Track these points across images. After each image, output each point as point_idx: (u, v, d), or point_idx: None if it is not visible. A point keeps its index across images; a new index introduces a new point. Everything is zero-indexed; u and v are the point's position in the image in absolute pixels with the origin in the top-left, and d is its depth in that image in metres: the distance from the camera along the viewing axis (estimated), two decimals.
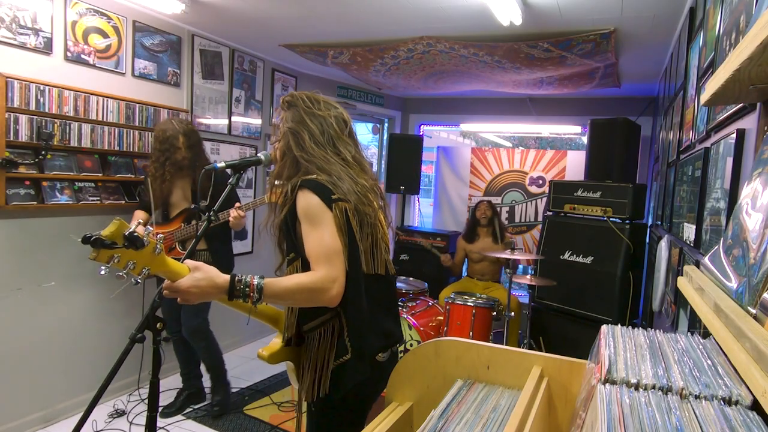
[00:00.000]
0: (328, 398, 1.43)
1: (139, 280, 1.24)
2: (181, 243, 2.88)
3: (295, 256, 1.43)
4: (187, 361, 3.17)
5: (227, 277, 1.29)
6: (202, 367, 3.20)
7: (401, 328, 1.62)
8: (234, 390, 3.41)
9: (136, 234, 1.15)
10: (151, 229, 1.22)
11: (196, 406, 3.15)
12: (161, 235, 1.25)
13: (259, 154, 1.67)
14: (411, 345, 3.36)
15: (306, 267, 1.38)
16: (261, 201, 2.69)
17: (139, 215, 2.95)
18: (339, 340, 1.41)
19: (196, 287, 1.26)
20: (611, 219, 3.55)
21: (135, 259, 1.19)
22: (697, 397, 0.70)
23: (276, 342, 1.55)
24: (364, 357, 1.41)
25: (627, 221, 3.49)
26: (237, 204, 2.70)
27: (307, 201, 1.36)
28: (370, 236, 1.45)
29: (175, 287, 1.26)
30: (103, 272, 1.16)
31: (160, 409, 2.74)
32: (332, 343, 1.41)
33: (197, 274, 1.27)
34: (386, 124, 6.05)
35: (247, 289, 1.28)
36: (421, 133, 5.91)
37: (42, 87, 2.66)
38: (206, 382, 3.24)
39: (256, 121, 4.28)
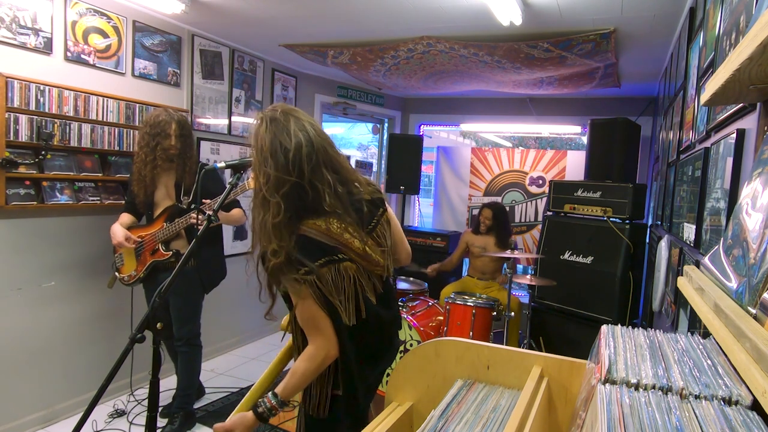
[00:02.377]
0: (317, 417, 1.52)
1: None
2: (165, 243, 2.75)
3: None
4: None
5: (251, 414, 1.40)
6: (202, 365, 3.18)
7: (384, 370, 1.67)
8: (234, 390, 3.41)
9: None
10: None
11: (196, 406, 3.15)
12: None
13: None
14: (411, 345, 3.36)
15: None
16: (242, 188, 2.43)
17: (125, 218, 2.82)
18: (334, 374, 1.49)
19: None
20: (611, 219, 3.55)
21: None
22: (697, 397, 0.70)
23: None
24: (353, 398, 1.48)
25: (627, 221, 3.49)
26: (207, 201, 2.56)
27: (284, 280, 1.38)
28: (348, 288, 1.42)
29: None
30: None
31: (159, 409, 2.73)
32: (328, 375, 1.49)
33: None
34: (386, 124, 6.04)
35: (273, 411, 1.40)
36: (421, 133, 5.90)
37: (42, 87, 2.66)
38: (209, 379, 3.23)
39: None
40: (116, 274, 2.85)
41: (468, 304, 3.44)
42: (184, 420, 2.88)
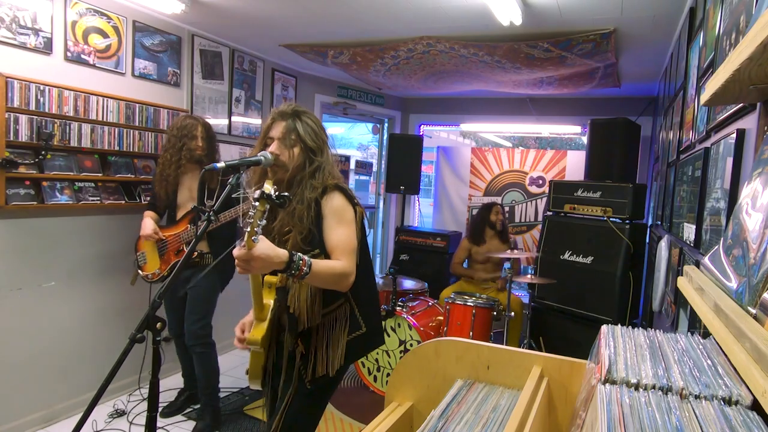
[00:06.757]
0: (326, 376, 1.65)
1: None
2: (188, 244, 2.82)
3: (319, 252, 1.61)
4: (190, 361, 3.14)
5: (286, 251, 1.43)
6: None
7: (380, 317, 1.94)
8: (234, 390, 3.41)
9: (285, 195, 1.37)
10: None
11: (196, 406, 3.15)
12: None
13: (258, 155, 1.65)
14: (411, 345, 3.36)
15: None
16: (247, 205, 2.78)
17: (150, 215, 2.90)
18: (351, 319, 1.69)
19: (266, 255, 1.36)
20: (611, 219, 3.55)
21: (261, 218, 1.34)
22: (697, 397, 0.70)
23: (262, 327, 1.62)
24: (377, 330, 1.78)
25: (627, 221, 3.49)
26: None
27: (339, 202, 1.62)
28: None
29: (249, 254, 1.34)
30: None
31: (160, 408, 2.72)
32: (345, 323, 1.68)
33: (267, 244, 1.39)
34: (386, 124, 6.04)
35: (300, 262, 1.44)
36: (421, 133, 5.90)
37: (42, 87, 2.66)
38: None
39: (256, 121, 4.27)
40: (139, 271, 2.94)
41: (468, 304, 3.44)
42: (212, 417, 2.87)
